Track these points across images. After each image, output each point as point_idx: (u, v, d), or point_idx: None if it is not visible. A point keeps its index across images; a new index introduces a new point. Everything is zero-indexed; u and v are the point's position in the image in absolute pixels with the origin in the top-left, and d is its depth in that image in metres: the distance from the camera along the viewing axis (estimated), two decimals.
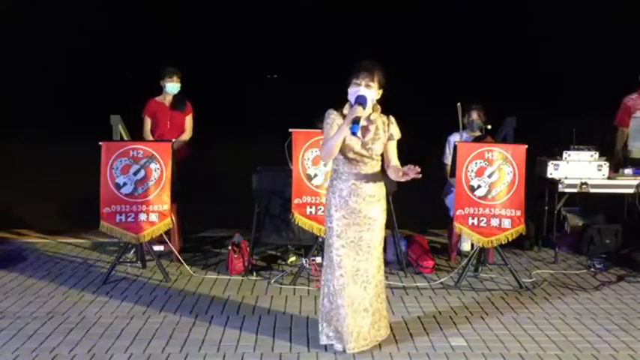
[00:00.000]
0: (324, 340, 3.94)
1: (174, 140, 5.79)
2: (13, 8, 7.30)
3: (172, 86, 6.11)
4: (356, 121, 3.55)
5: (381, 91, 3.76)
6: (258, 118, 7.19)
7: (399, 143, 3.93)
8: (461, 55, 7.41)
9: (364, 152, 3.75)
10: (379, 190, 3.85)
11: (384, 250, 4.09)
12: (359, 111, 3.60)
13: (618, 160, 6.16)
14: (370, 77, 3.68)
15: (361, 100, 3.63)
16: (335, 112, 3.76)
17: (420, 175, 3.60)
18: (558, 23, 7.26)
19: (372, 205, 3.80)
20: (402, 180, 3.70)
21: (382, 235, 3.89)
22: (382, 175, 3.90)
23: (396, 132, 3.86)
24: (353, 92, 3.69)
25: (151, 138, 6.13)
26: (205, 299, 4.86)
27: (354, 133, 3.58)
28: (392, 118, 3.87)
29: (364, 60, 3.75)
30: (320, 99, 4.00)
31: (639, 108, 6.19)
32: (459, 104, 5.48)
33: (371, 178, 3.79)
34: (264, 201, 5.63)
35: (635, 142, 6.16)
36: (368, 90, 3.67)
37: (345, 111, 3.76)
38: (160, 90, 6.20)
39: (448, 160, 6.09)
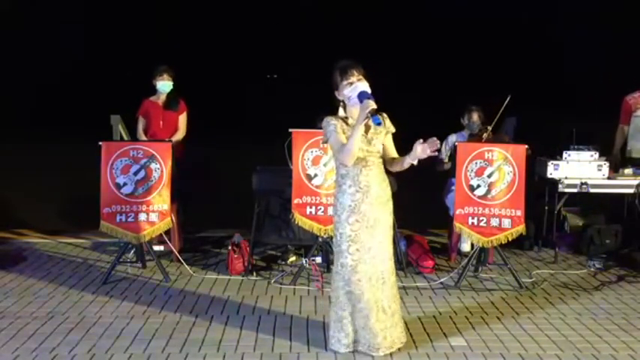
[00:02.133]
0: (334, 346, 3.88)
1: (166, 140, 5.75)
2: (13, 8, 7.29)
3: (163, 84, 6.06)
4: (374, 113, 3.56)
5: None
6: (258, 118, 7.19)
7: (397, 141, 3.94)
8: (461, 55, 7.40)
9: (370, 148, 3.75)
10: (387, 190, 3.83)
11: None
12: (371, 104, 3.57)
13: (616, 161, 6.16)
14: (357, 71, 3.71)
15: (368, 95, 3.62)
16: (334, 119, 3.76)
17: (438, 145, 3.58)
18: (559, 23, 7.26)
19: (381, 206, 3.78)
20: (421, 157, 3.61)
21: (392, 234, 3.87)
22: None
23: (391, 125, 3.88)
24: (350, 90, 3.69)
25: (144, 138, 6.08)
26: (205, 299, 4.86)
27: (379, 124, 3.63)
28: (384, 114, 3.87)
29: (340, 61, 3.76)
30: (320, 99, 4.00)
31: (639, 107, 6.18)
32: (509, 97, 5.42)
33: (378, 179, 3.78)
34: (264, 201, 5.63)
35: (634, 142, 6.16)
36: (361, 83, 3.69)
37: (341, 113, 3.78)
38: (155, 89, 6.17)
39: (442, 157, 6.13)
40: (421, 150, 3.60)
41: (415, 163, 3.69)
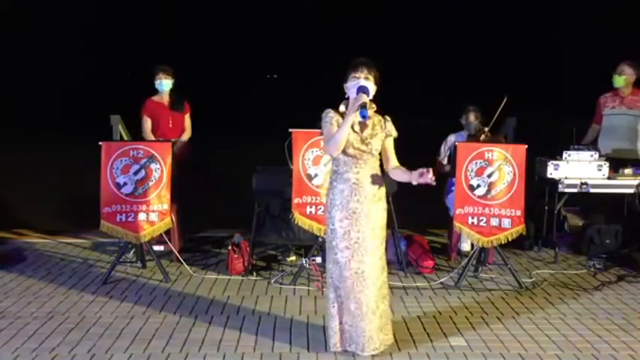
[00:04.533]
0: (335, 347, 3.86)
1: (173, 140, 5.76)
2: (13, 8, 7.29)
3: (161, 83, 6.04)
4: (363, 107, 3.61)
5: (375, 88, 3.80)
6: (258, 118, 7.19)
7: (398, 143, 3.94)
8: (462, 55, 7.41)
9: (364, 148, 3.76)
10: (380, 189, 3.84)
11: (385, 250, 4.07)
12: (364, 98, 3.64)
13: None
14: (368, 70, 3.75)
15: (364, 90, 3.69)
16: (332, 111, 3.80)
17: (434, 183, 3.60)
18: (559, 23, 7.27)
19: (374, 204, 3.79)
20: (415, 182, 3.65)
21: (384, 234, 3.87)
22: (383, 174, 3.90)
23: (392, 129, 3.89)
24: (353, 85, 3.74)
25: (152, 138, 6.09)
26: (205, 299, 4.86)
27: (364, 117, 3.64)
28: (387, 117, 3.91)
29: (359, 57, 3.81)
30: (320, 99, 4.00)
31: (608, 106, 6.20)
32: (505, 98, 5.44)
33: (371, 177, 3.79)
34: (264, 201, 5.63)
35: (603, 141, 6.16)
36: (367, 82, 3.73)
37: (342, 109, 3.79)
38: (156, 90, 6.16)
39: (441, 158, 6.13)
40: (417, 175, 3.62)
41: (414, 183, 3.69)
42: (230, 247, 5.58)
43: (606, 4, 6.98)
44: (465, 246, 6.11)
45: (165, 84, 6.05)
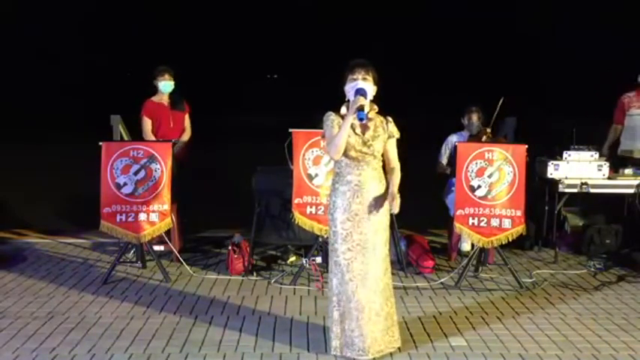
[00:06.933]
0: (335, 351, 3.84)
1: (173, 140, 5.76)
2: (13, 8, 7.30)
3: (165, 84, 6.05)
4: (361, 109, 3.63)
5: (375, 88, 3.80)
6: (257, 118, 7.19)
7: (400, 143, 3.95)
8: (461, 56, 7.41)
9: (366, 150, 3.76)
10: (382, 190, 3.83)
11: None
12: (361, 100, 3.64)
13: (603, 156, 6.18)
14: (365, 71, 3.74)
15: (362, 92, 3.69)
16: (334, 114, 3.80)
17: (395, 211, 3.76)
18: (559, 23, 7.27)
19: (376, 206, 3.78)
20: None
21: (387, 236, 3.86)
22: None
23: (394, 130, 3.88)
24: (351, 87, 3.73)
25: (153, 138, 6.08)
26: (205, 299, 4.86)
27: (361, 119, 3.67)
28: (389, 118, 3.90)
29: (356, 58, 3.81)
30: (321, 99, 4.01)
31: (633, 106, 6.19)
32: (502, 99, 5.47)
33: (374, 178, 3.79)
34: (264, 201, 5.63)
35: (627, 141, 6.16)
36: (365, 83, 3.73)
37: (343, 111, 3.78)
38: (156, 90, 6.15)
39: (442, 158, 6.12)
40: (391, 198, 3.74)
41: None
42: (230, 247, 5.58)
43: (606, 4, 6.98)
44: (465, 246, 6.11)
45: (169, 85, 6.05)
